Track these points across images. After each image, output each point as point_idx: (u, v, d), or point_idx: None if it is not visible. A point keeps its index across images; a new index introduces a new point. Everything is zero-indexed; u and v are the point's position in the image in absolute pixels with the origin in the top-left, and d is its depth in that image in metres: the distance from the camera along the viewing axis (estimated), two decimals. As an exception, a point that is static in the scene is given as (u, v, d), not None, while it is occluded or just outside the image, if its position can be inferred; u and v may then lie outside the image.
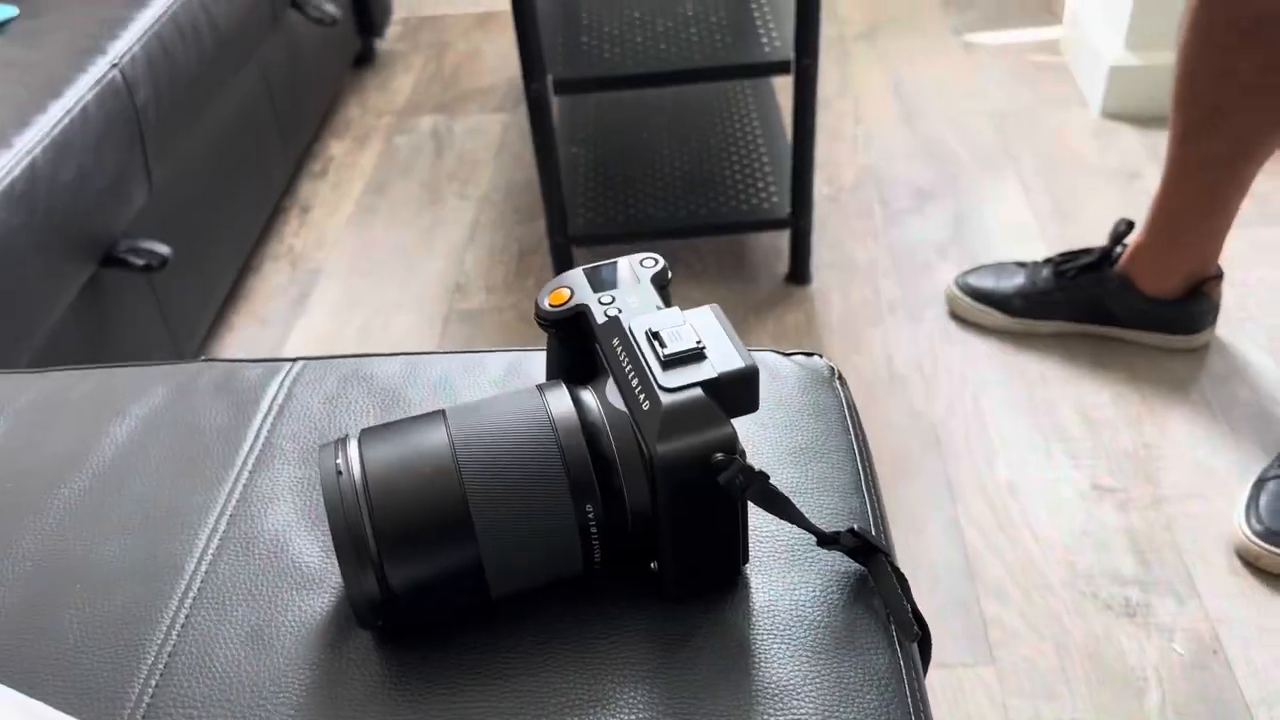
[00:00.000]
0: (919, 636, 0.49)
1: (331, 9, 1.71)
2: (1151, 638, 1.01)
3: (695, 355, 0.47)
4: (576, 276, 0.56)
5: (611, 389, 0.50)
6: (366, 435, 0.48)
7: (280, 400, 0.64)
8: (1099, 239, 1.48)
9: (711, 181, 1.51)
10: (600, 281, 0.55)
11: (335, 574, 0.53)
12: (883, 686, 0.47)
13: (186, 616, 0.51)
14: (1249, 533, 1.05)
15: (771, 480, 0.47)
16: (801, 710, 0.46)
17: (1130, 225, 1.28)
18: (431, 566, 0.46)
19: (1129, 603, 1.04)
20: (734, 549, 0.50)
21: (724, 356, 0.48)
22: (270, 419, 0.63)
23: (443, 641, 0.49)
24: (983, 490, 1.16)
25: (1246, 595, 1.04)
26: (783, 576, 0.51)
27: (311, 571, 0.53)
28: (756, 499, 0.47)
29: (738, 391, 0.48)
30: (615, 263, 0.56)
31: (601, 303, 0.53)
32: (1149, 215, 1.24)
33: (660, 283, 0.55)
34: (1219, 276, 1.26)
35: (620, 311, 0.52)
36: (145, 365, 0.68)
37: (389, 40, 2.23)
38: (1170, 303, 1.26)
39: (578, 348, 0.55)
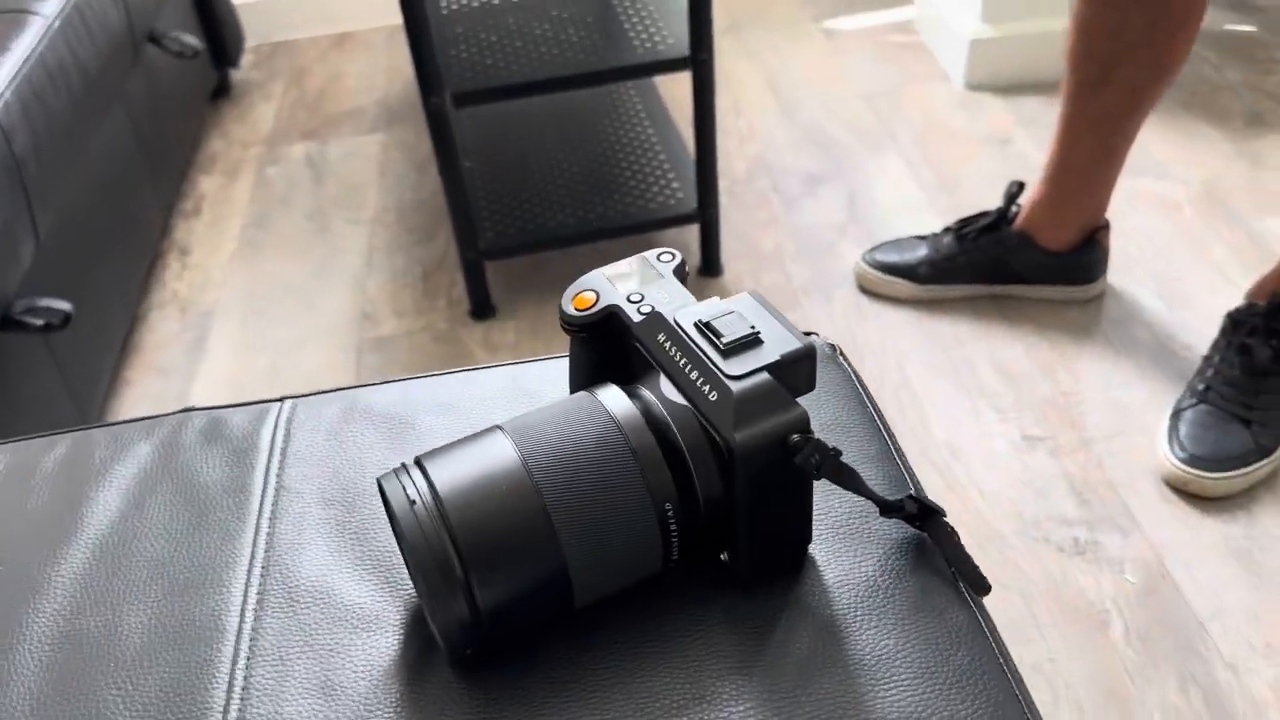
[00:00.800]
0: (990, 589, 0.51)
1: (192, 40, 1.64)
2: (1104, 572, 1.06)
3: (753, 340, 0.48)
4: (597, 279, 0.55)
5: (663, 384, 0.49)
6: (427, 460, 0.47)
7: (280, 443, 0.61)
8: (984, 204, 1.55)
9: (613, 183, 1.51)
10: (623, 279, 0.54)
11: (392, 610, 0.51)
12: (970, 642, 0.48)
13: (245, 678, 0.48)
14: (1175, 461, 1.13)
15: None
16: (902, 676, 0.46)
17: (1021, 186, 1.35)
18: (519, 583, 0.45)
19: (1078, 542, 1.10)
20: (805, 529, 0.51)
21: (779, 339, 0.48)
22: (275, 463, 0.60)
23: (527, 663, 0.48)
24: (925, 454, 1.20)
25: (1181, 519, 1.11)
26: (845, 551, 0.52)
27: (367, 611, 0.51)
28: (830, 475, 0.48)
29: (798, 371, 0.48)
30: (631, 261, 0.56)
31: (631, 301, 0.53)
32: (1045, 172, 1.31)
33: (681, 276, 0.55)
34: (1108, 226, 1.34)
35: (654, 307, 0.52)
36: (119, 424, 0.64)
37: (244, 69, 2.15)
38: (1067, 255, 1.34)
39: (605, 351, 0.54)
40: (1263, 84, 1.76)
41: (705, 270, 1.51)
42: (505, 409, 0.62)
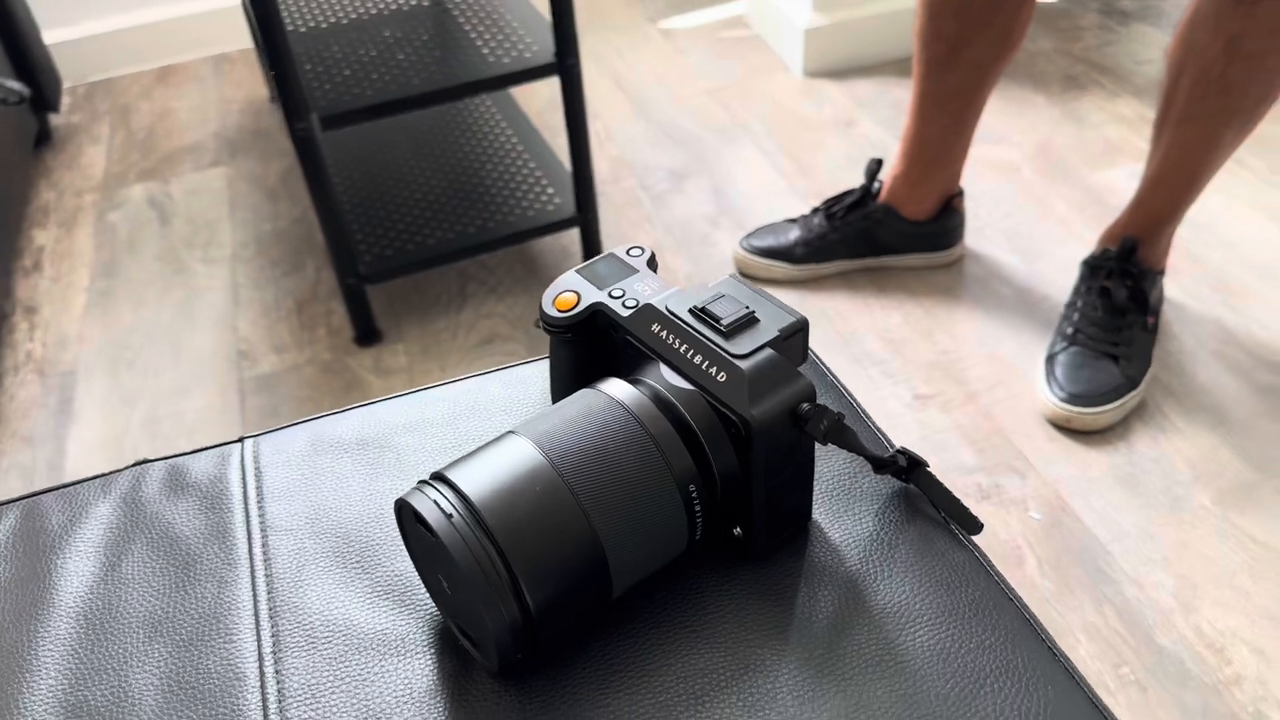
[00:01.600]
0: (982, 527, 0.54)
1: (18, 86, 1.53)
2: (1011, 513, 1.14)
3: (750, 320, 0.50)
4: (573, 279, 0.56)
5: (664, 372, 0.51)
6: (450, 473, 0.46)
7: (252, 483, 0.59)
8: (840, 184, 1.62)
9: (488, 195, 1.51)
10: (600, 278, 0.55)
11: (417, 632, 0.50)
12: (976, 578, 0.52)
13: (282, 720, 0.47)
14: (1055, 401, 1.21)
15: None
16: (924, 618, 0.49)
17: (880, 162, 1.42)
18: (563, 579, 0.45)
19: (981, 488, 1.17)
20: (809, 497, 0.53)
21: (774, 316, 0.50)
22: (253, 504, 0.58)
23: (569, 663, 0.48)
24: (829, 424, 1.25)
25: (1069, 455, 1.19)
26: (844, 512, 0.55)
27: (391, 636, 0.50)
28: (836, 439, 0.50)
29: (795, 344, 0.50)
30: (603, 258, 0.57)
31: (614, 296, 0.54)
32: (902, 147, 1.38)
33: (653, 267, 0.57)
34: (962, 193, 1.43)
35: (640, 300, 0.53)
36: (68, 486, 0.60)
37: (63, 113, 2.02)
38: (928, 223, 1.42)
39: (587, 350, 0.55)
40: (1072, 49, 1.91)
41: (588, 273, 1.52)
42: (482, 421, 0.62)
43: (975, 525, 0.54)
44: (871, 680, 0.47)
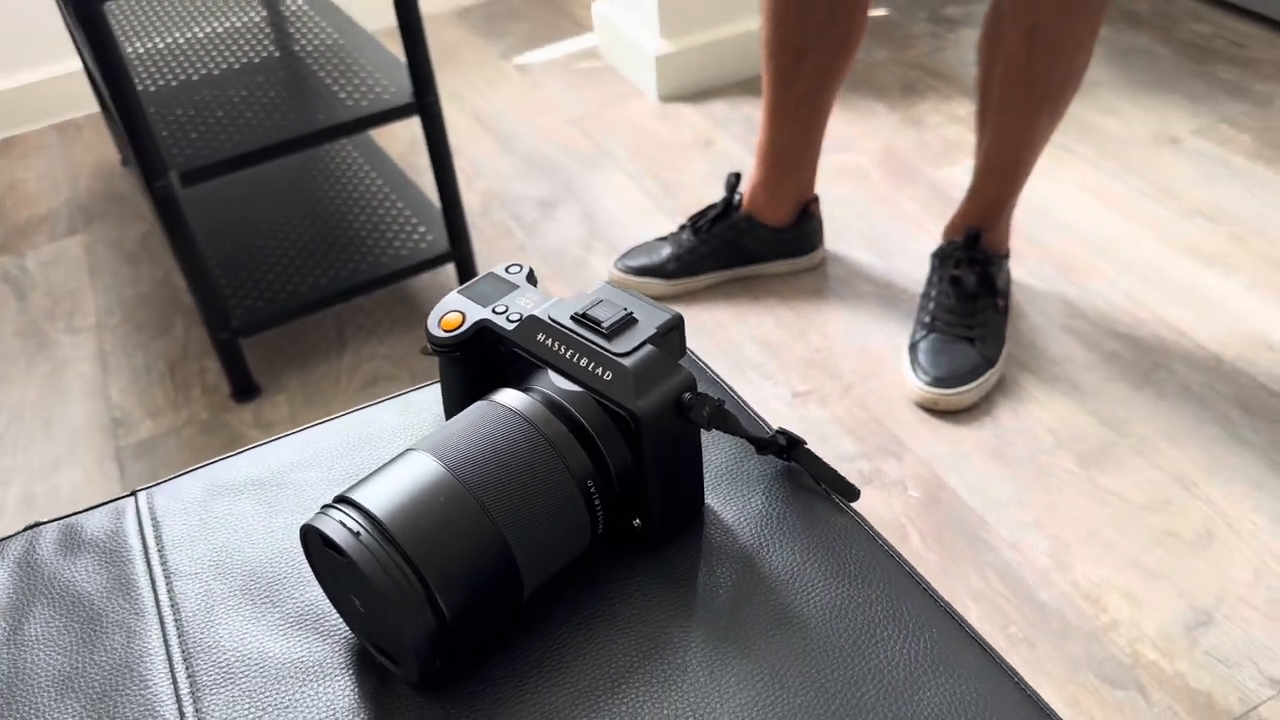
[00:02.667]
0: (859, 494, 0.58)
1: None
2: (892, 493, 1.20)
3: (629, 320, 0.53)
4: (456, 300, 0.58)
5: (552, 377, 0.53)
6: (354, 494, 0.48)
7: (150, 533, 0.59)
8: (706, 199, 1.68)
9: (357, 239, 1.51)
10: (483, 296, 0.58)
11: (333, 656, 0.51)
12: (857, 540, 0.56)
13: (208, 756, 0.47)
14: (921, 386, 1.28)
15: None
16: (816, 580, 0.53)
17: (738, 176, 1.48)
18: (475, 583, 0.47)
19: (863, 473, 1.22)
20: (699, 483, 0.56)
21: (650, 315, 0.53)
22: (154, 554, 0.58)
23: (487, 666, 0.50)
24: (716, 430, 1.29)
25: (939, 434, 1.26)
26: (733, 494, 0.58)
27: (307, 663, 0.51)
28: (718, 424, 0.53)
29: (672, 340, 0.54)
30: (484, 278, 0.59)
31: (497, 312, 0.56)
32: (757, 157, 1.44)
33: (533, 281, 0.60)
34: (818, 199, 1.50)
35: (523, 312, 0.56)
36: (-44, 558, 0.59)
37: (-103, 193, 1.93)
38: (789, 229, 1.48)
39: (476, 366, 0.58)
40: (906, 58, 2.02)
41: (467, 307, 1.53)
42: (377, 449, 0.63)
43: (853, 492, 0.58)
44: (773, 644, 0.50)
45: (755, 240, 1.48)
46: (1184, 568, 1.09)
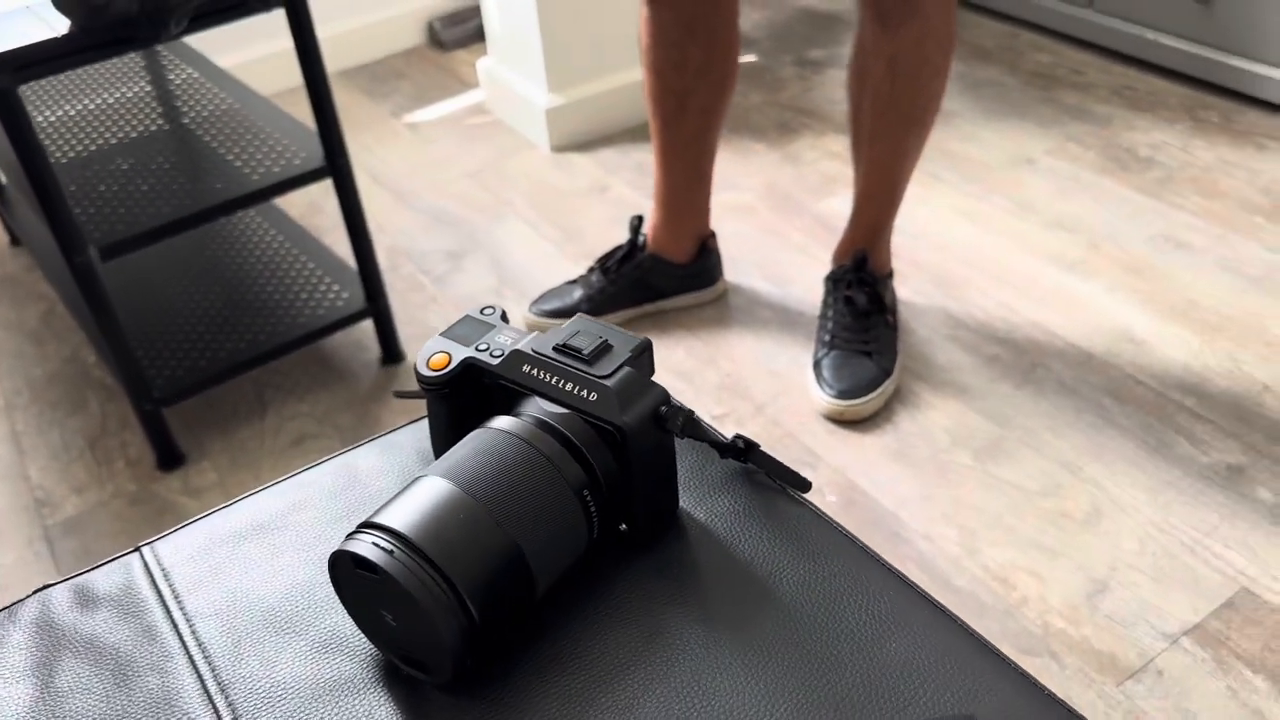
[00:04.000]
0: (810, 486, 0.66)
1: None
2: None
3: (605, 347, 0.60)
4: (440, 342, 0.64)
5: (539, 403, 0.59)
6: (379, 518, 0.53)
7: (163, 582, 0.63)
8: (609, 242, 1.77)
9: (273, 302, 1.53)
10: (464, 337, 0.64)
11: (365, 672, 0.56)
12: (814, 525, 0.63)
13: (263, 771, 0.51)
14: (828, 399, 1.38)
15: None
16: (784, 563, 0.60)
17: (640, 218, 1.57)
18: (496, 585, 0.53)
19: (785, 486, 1.31)
20: (675, 489, 0.63)
21: (623, 341, 0.60)
22: (171, 600, 0.61)
23: (510, 664, 0.55)
24: (643, 457, 1.36)
25: (847, 443, 1.36)
26: (702, 497, 0.65)
27: (342, 681, 0.55)
28: (690, 432, 0.61)
29: (644, 361, 0.61)
30: (461, 321, 0.65)
31: (480, 349, 0.63)
32: (654, 199, 1.53)
33: (505, 320, 0.66)
34: (714, 234, 1.59)
35: (505, 349, 0.62)
36: (-30, 624, 0.61)
37: None
38: (691, 264, 1.57)
39: (463, 400, 0.63)
40: (778, 99, 2.15)
41: (387, 359, 1.57)
42: (365, 488, 0.68)
43: (805, 485, 0.66)
44: (756, 619, 0.57)
45: (661, 277, 1.57)
46: (1078, 544, 1.21)
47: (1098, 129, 1.96)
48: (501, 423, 0.59)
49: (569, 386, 0.58)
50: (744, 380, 1.48)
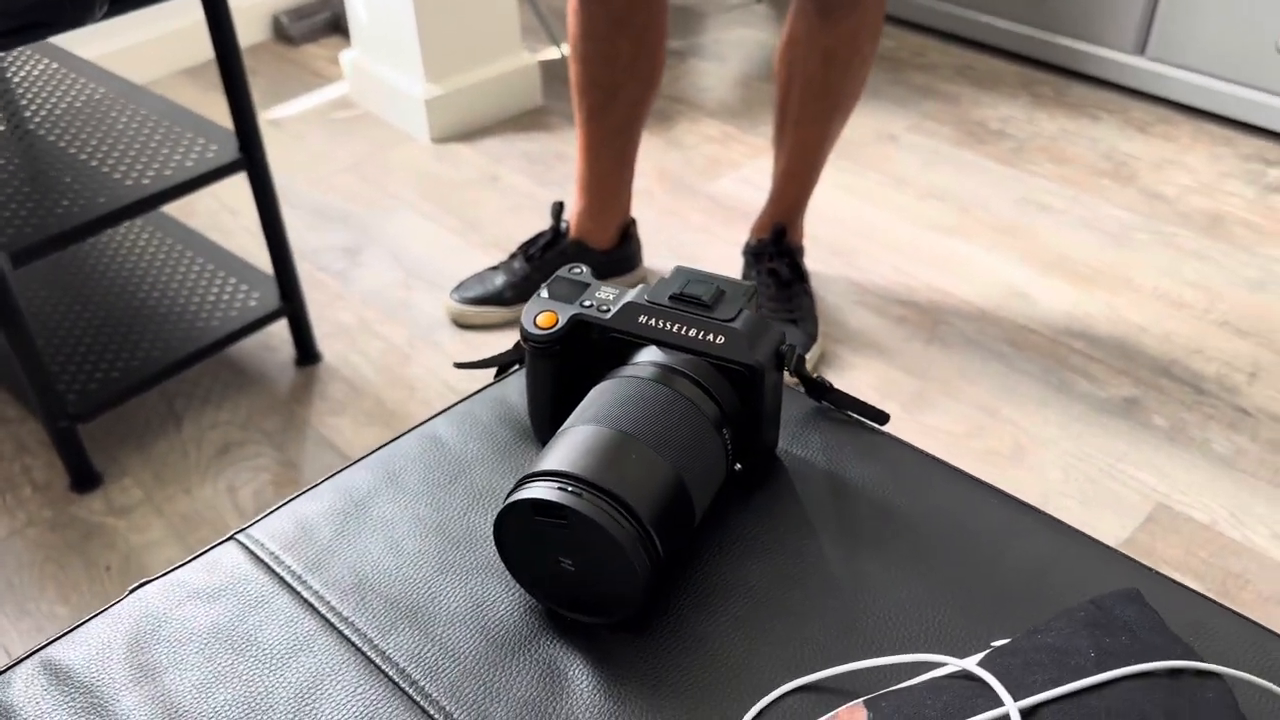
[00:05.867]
0: (889, 417, 0.71)
1: None
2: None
3: (721, 292, 0.62)
4: (541, 302, 0.65)
5: (655, 352, 0.61)
6: (548, 464, 0.54)
7: (279, 566, 0.60)
8: (509, 231, 1.77)
9: (181, 309, 1.45)
10: (566, 296, 0.65)
11: (529, 626, 0.56)
12: (897, 448, 0.68)
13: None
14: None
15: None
16: (884, 482, 0.64)
17: (562, 204, 1.58)
18: (672, 516, 0.55)
19: (736, 450, 1.36)
20: (779, 426, 0.66)
21: (734, 286, 0.63)
22: (297, 582, 0.59)
23: (672, 606, 0.57)
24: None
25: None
26: (790, 436, 0.69)
27: (507, 636, 0.56)
28: (798, 371, 0.64)
29: (755, 303, 0.63)
30: (555, 281, 0.66)
31: (586, 306, 0.64)
32: (578, 186, 1.54)
33: (599, 276, 0.67)
34: (635, 221, 1.62)
35: (611, 302, 0.63)
36: (66, 634, 0.57)
37: None
38: (614, 250, 1.59)
39: (570, 357, 0.64)
40: (653, 87, 2.20)
41: (303, 359, 1.52)
42: (462, 455, 0.67)
43: (884, 417, 0.70)
44: (885, 541, 0.61)
45: (585, 263, 1.58)
46: (1010, 478, 1.32)
47: (948, 106, 2.11)
48: (629, 371, 0.60)
49: (693, 332, 0.61)
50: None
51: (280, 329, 1.54)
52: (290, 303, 1.46)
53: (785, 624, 0.56)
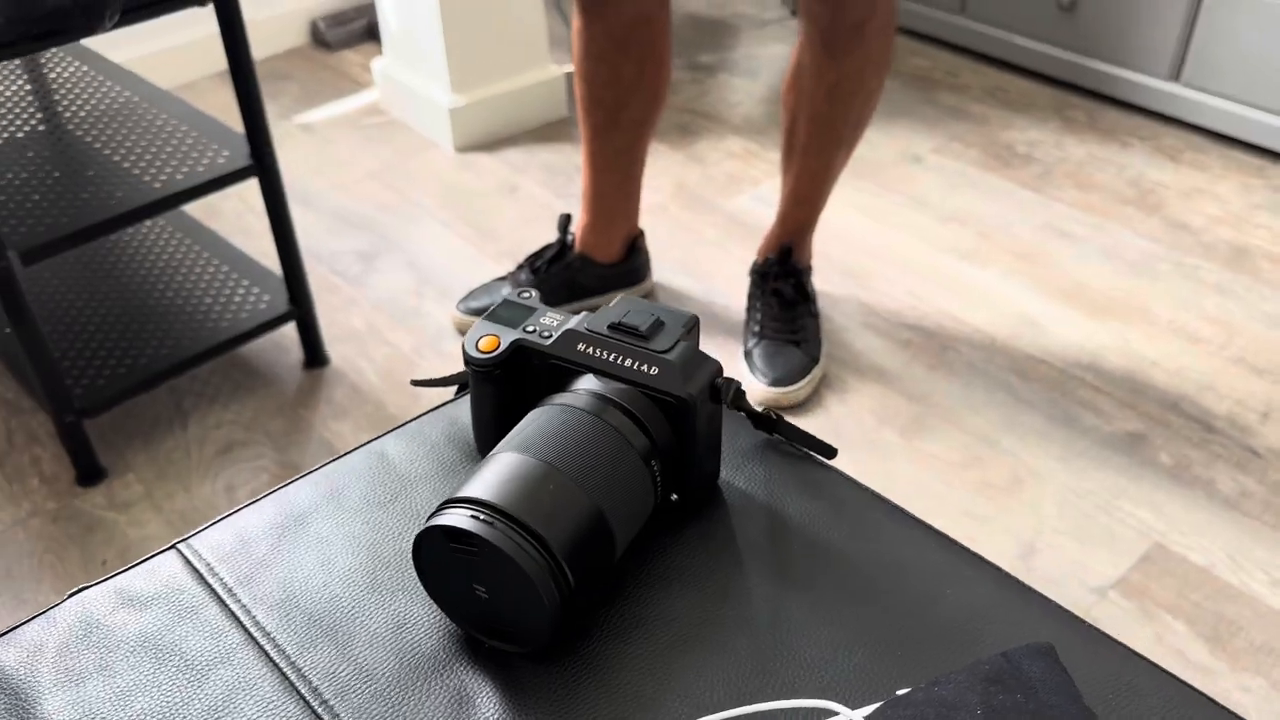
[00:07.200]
0: (836, 452, 0.70)
1: None
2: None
3: (659, 324, 0.62)
4: (485, 325, 0.65)
5: (592, 381, 0.61)
6: (467, 491, 0.54)
7: (212, 577, 0.61)
8: (523, 242, 1.78)
9: (191, 309, 1.48)
10: (509, 320, 0.65)
11: (445, 650, 0.57)
12: (846, 487, 0.68)
13: (369, 749, 0.52)
14: (763, 387, 1.43)
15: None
16: (825, 519, 0.64)
17: (569, 217, 1.59)
18: (587, 550, 0.55)
19: (729, 471, 1.35)
20: (719, 457, 0.66)
21: (674, 317, 0.63)
22: (227, 595, 0.60)
23: (591, 637, 0.57)
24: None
25: (787, 428, 1.42)
26: (734, 468, 0.68)
27: (422, 660, 0.56)
28: (738, 404, 0.64)
29: (694, 334, 0.63)
30: (502, 305, 0.66)
31: (529, 331, 0.64)
32: (583, 201, 1.55)
33: (546, 303, 0.67)
34: (642, 233, 1.63)
35: (554, 329, 0.63)
36: (7, 632, 0.59)
37: None
38: (620, 264, 1.60)
39: (512, 381, 0.64)
40: (676, 103, 2.20)
41: (311, 362, 1.54)
42: (396, 475, 0.68)
43: (832, 452, 0.70)
44: (815, 578, 0.60)
45: (590, 277, 1.59)
46: (1004, 510, 1.30)
47: (977, 128, 2.08)
48: (563, 399, 0.60)
49: (628, 362, 0.61)
50: (676, 372, 1.52)
51: (292, 330, 1.56)
52: (299, 306, 1.48)
53: (699, 660, 0.56)
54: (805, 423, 1.43)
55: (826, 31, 1.29)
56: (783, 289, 1.50)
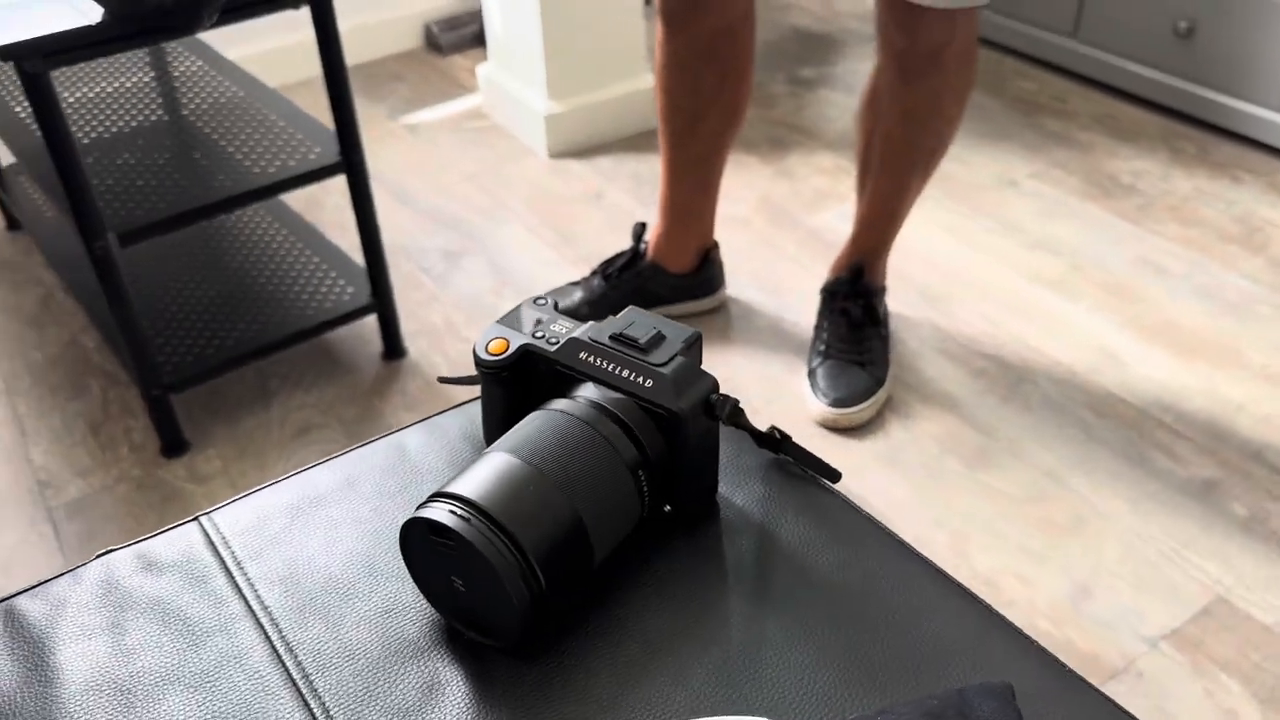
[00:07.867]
0: (840, 476, 0.70)
1: None
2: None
3: (659, 337, 0.63)
4: (498, 329, 0.67)
5: (591, 389, 0.63)
6: (453, 487, 0.56)
7: (225, 551, 0.65)
8: (602, 248, 1.80)
9: (280, 295, 1.55)
10: (521, 324, 0.67)
11: (426, 637, 0.59)
12: (844, 511, 0.67)
13: (337, 724, 0.54)
14: (823, 406, 1.43)
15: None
16: (819, 545, 0.64)
17: (644, 225, 1.61)
18: (561, 553, 0.56)
19: (781, 488, 1.35)
20: (715, 473, 0.67)
21: (676, 331, 0.64)
22: (234, 567, 0.64)
23: (567, 631, 0.59)
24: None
25: (840, 448, 1.41)
26: (738, 484, 0.69)
27: (403, 645, 0.58)
28: (734, 421, 0.64)
29: (695, 350, 0.64)
30: (517, 310, 0.69)
31: (537, 336, 0.66)
32: (659, 210, 1.57)
33: (559, 311, 0.69)
34: (717, 245, 1.63)
35: (561, 337, 0.65)
36: (37, 586, 0.64)
37: None
38: (692, 274, 1.61)
39: (516, 384, 0.67)
40: (772, 115, 2.20)
41: (389, 354, 1.60)
42: (412, 467, 0.71)
43: (836, 475, 0.70)
44: (796, 599, 0.61)
45: (661, 285, 1.60)
46: (1063, 549, 1.26)
47: (1081, 155, 2.02)
48: (560, 404, 0.62)
49: (625, 373, 0.62)
50: (740, 386, 1.52)
51: (374, 321, 1.62)
52: (379, 300, 1.54)
53: (668, 671, 0.57)
54: (861, 446, 1.41)
55: (902, 56, 1.28)
56: (851, 309, 1.49)
